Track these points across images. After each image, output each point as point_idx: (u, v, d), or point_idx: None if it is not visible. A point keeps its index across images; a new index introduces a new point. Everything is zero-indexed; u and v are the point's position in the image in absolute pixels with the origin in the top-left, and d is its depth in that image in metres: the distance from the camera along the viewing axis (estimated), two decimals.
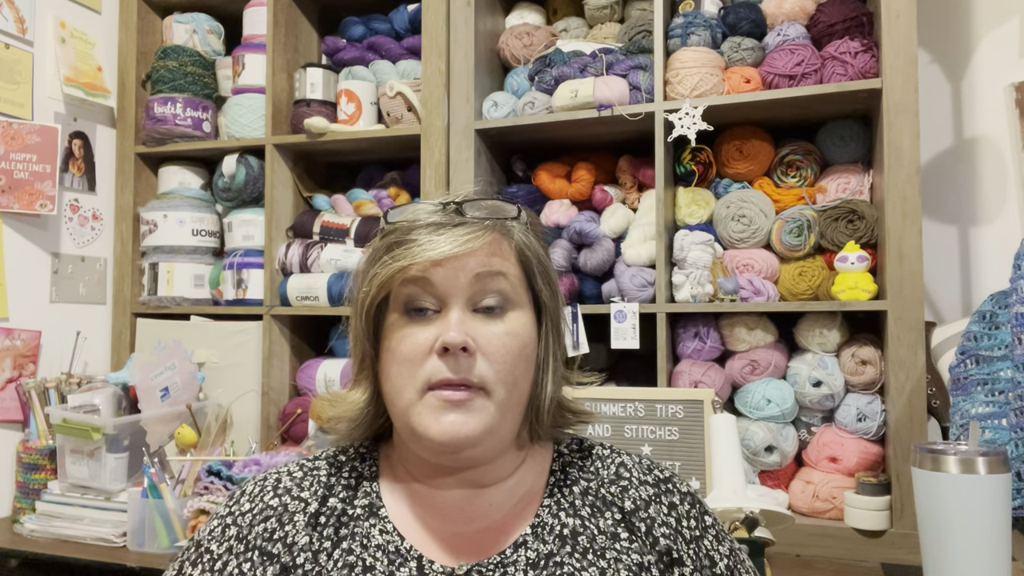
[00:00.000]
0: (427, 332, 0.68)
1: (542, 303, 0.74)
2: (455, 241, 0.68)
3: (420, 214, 0.72)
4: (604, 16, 1.84)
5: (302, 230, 1.95)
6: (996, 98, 1.75)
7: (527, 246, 0.73)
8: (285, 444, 1.85)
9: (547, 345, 0.74)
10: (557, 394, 0.75)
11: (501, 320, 0.70)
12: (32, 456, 1.69)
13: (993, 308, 1.28)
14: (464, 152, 1.76)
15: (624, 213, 1.72)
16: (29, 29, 1.86)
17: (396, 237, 0.70)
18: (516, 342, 0.69)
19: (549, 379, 0.73)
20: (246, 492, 0.75)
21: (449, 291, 0.68)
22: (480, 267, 0.69)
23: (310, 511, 0.72)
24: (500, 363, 0.68)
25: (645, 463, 0.77)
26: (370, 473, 0.77)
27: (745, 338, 1.60)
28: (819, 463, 1.55)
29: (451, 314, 0.68)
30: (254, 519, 0.72)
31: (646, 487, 0.74)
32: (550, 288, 0.74)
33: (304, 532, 0.70)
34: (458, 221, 0.70)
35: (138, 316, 2.03)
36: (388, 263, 0.69)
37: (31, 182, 1.81)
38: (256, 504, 0.73)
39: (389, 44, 1.94)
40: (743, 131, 1.68)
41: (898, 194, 1.45)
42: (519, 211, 0.74)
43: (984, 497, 1.02)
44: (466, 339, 0.66)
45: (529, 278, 0.73)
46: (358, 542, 0.70)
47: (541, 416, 0.73)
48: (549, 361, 0.74)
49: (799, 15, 1.66)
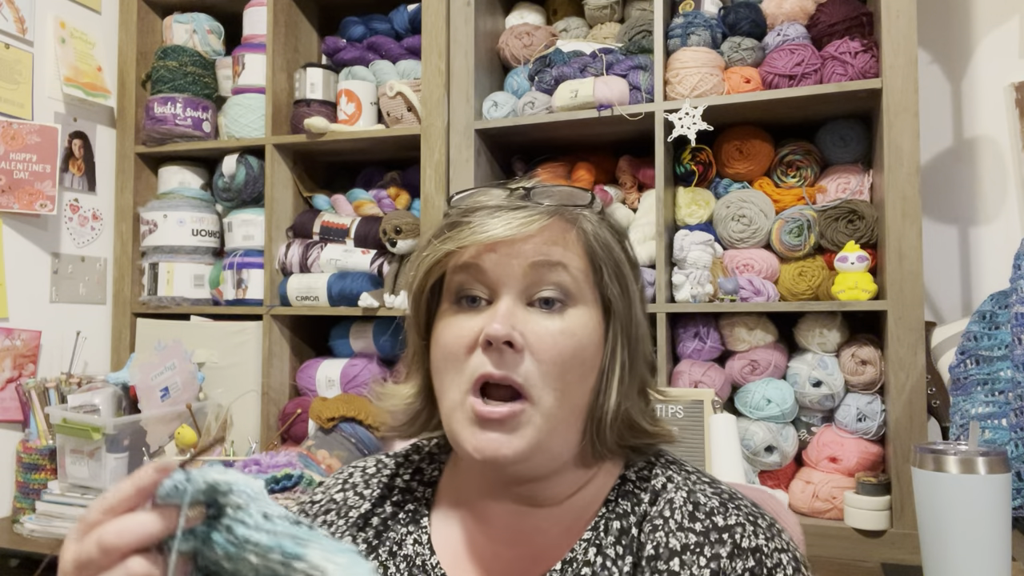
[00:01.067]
0: (474, 323, 0.62)
1: (610, 303, 0.65)
2: (508, 224, 0.61)
3: (483, 196, 0.66)
4: (604, 16, 1.84)
5: (302, 230, 1.95)
6: (996, 98, 1.75)
7: (597, 238, 0.65)
8: (285, 444, 1.85)
9: (614, 351, 0.65)
10: (626, 408, 0.65)
11: (559, 316, 0.62)
12: (32, 456, 1.69)
13: (993, 308, 1.29)
14: (464, 152, 1.76)
15: (624, 213, 1.72)
16: (29, 29, 1.86)
17: (451, 219, 0.64)
18: (571, 342, 0.62)
19: (614, 389, 0.64)
20: (324, 483, 0.76)
21: (501, 279, 0.62)
22: (537, 255, 0.62)
23: (362, 511, 0.70)
24: (549, 364, 0.61)
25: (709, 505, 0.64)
26: (431, 477, 0.73)
27: (745, 338, 1.60)
28: (819, 463, 1.55)
29: (500, 305, 0.61)
30: (318, 510, 0.72)
31: (686, 534, 0.62)
32: (621, 287, 0.65)
33: (349, 532, 0.69)
34: (518, 205, 0.63)
35: (138, 316, 2.03)
36: (436, 246, 0.64)
37: (31, 182, 1.81)
38: (324, 496, 0.73)
39: (389, 44, 1.94)
40: (743, 131, 1.68)
41: (898, 194, 1.45)
42: (592, 200, 0.66)
43: (984, 497, 1.02)
44: (511, 333, 0.60)
45: (596, 274, 0.65)
46: (387, 548, 0.68)
47: (603, 431, 0.64)
48: (616, 369, 0.64)
49: (799, 15, 1.66)
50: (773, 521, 0.64)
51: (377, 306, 1.77)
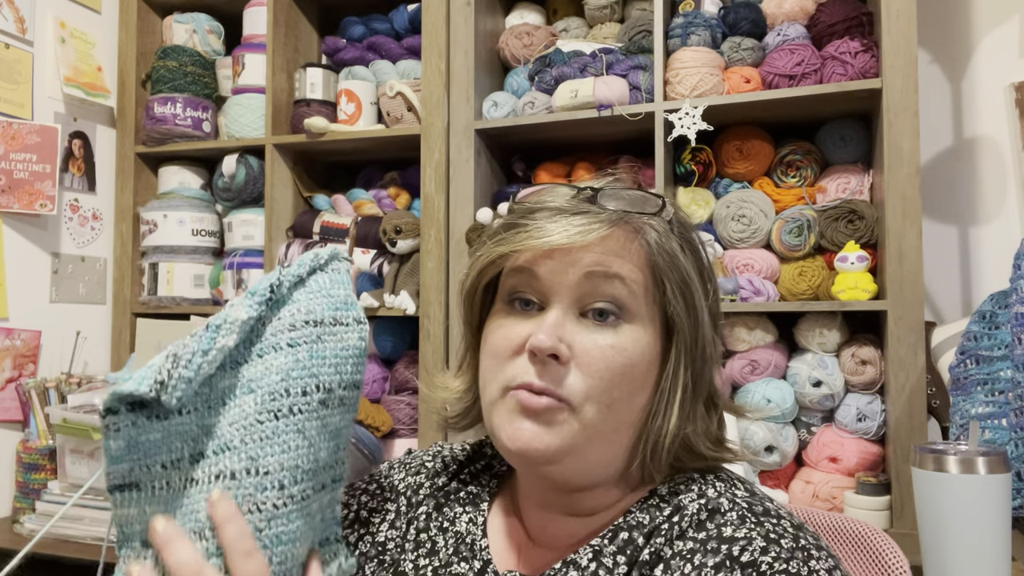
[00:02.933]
0: (522, 327, 0.60)
1: (673, 321, 0.61)
2: (567, 231, 0.58)
3: (548, 196, 0.63)
4: (604, 16, 1.84)
5: (302, 230, 1.95)
6: (996, 98, 1.75)
7: (663, 250, 0.61)
8: None
9: (676, 372, 0.61)
10: (685, 432, 0.61)
11: (611, 331, 0.59)
12: (32, 456, 1.69)
13: (993, 308, 1.28)
14: (464, 152, 1.76)
15: None
16: (29, 29, 1.86)
17: (512, 219, 0.62)
18: (621, 358, 0.59)
19: (675, 412, 0.60)
20: (421, 450, 0.80)
21: (554, 287, 0.60)
22: (593, 265, 0.59)
23: (438, 483, 0.73)
24: (596, 379, 0.58)
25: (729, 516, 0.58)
26: (499, 471, 0.74)
27: (745, 338, 1.60)
28: (819, 463, 1.55)
29: (550, 314, 0.59)
30: (409, 470, 0.76)
31: (684, 541, 0.57)
32: (687, 304, 0.61)
33: (423, 498, 0.72)
34: (581, 209, 0.60)
35: (138, 316, 2.03)
36: (491, 247, 0.62)
37: (31, 182, 1.81)
38: (416, 460, 0.77)
39: (389, 44, 1.94)
40: (743, 131, 1.68)
41: (898, 194, 1.45)
42: (662, 207, 0.62)
43: (984, 497, 1.02)
44: (557, 345, 0.58)
45: (658, 289, 0.61)
46: (439, 523, 0.69)
47: (658, 453, 0.61)
48: (677, 391, 0.61)
49: (799, 15, 1.66)
50: (808, 547, 0.55)
51: (377, 306, 1.77)
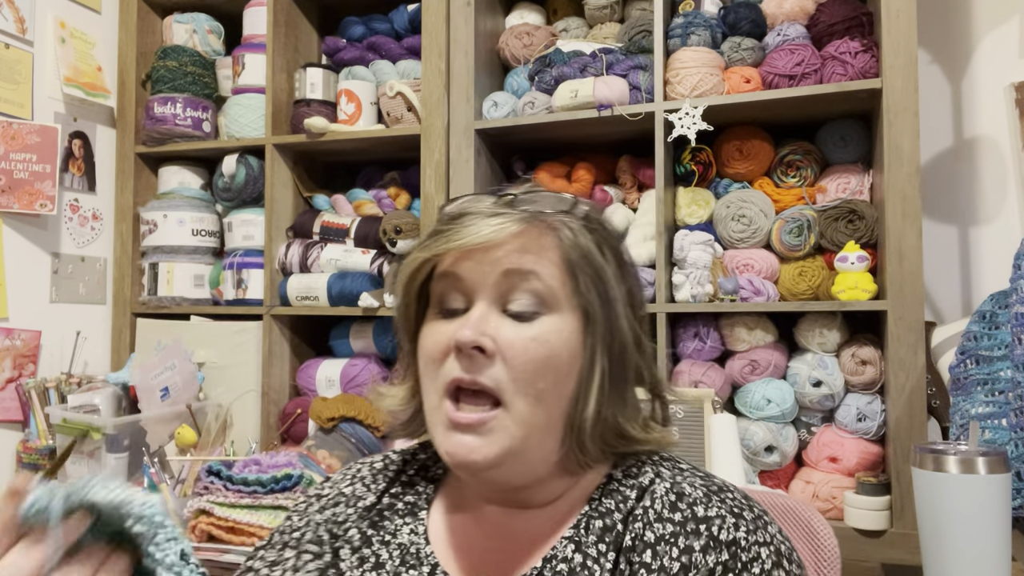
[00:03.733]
0: (449, 328, 0.63)
1: (587, 311, 0.65)
2: (480, 231, 0.62)
3: (468, 203, 0.66)
4: (604, 16, 1.84)
5: (302, 230, 1.95)
6: (996, 98, 1.75)
7: (576, 246, 0.65)
8: (285, 444, 1.85)
9: (592, 359, 0.64)
10: (608, 417, 0.65)
11: (532, 323, 0.63)
12: (32, 456, 1.69)
13: (993, 308, 1.28)
14: (464, 152, 1.76)
15: (624, 213, 1.72)
16: (29, 29, 1.86)
17: (436, 227, 0.66)
18: (544, 349, 0.62)
19: (593, 397, 0.63)
20: (331, 478, 0.77)
21: (476, 286, 0.63)
22: (510, 263, 0.63)
23: (368, 503, 0.72)
24: (520, 370, 0.61)
25: (694, 495, 0.64)
26: (434, 474, 0.75)
27: (745, 338, 1.60)
28: (819, 463, 1.55)
29: (472, 312, 0.63)
30: (326, 504, 0.74)
31: (663, 524, 0.62)
32: (600, 296, 0.65)
33: (354, 523, 0.71)
34: (496, 212, 0.64)
35: (138, 316, 2.03)
36: (415, 254, 0.66)
37: (31, 182, 1.81)
38: (333, 490, 0.75)
39: (389, 44, 1.94)
40: (743, 131, 1.68)
41: (898, 194, 1.45)
42: (573, 205, 0.66)
43: (984, 497, 1.02)
44: (480, 338, 0.61)
45: (574, 282, 0.65)
46: (381, 537, 0.69)
47: (583, 439, 0.64)
48: (595, 377, 0.64)
49: (799, 15, 1.66)
50: (761, 514, 0.63)
51: (377, 306, 1.77)
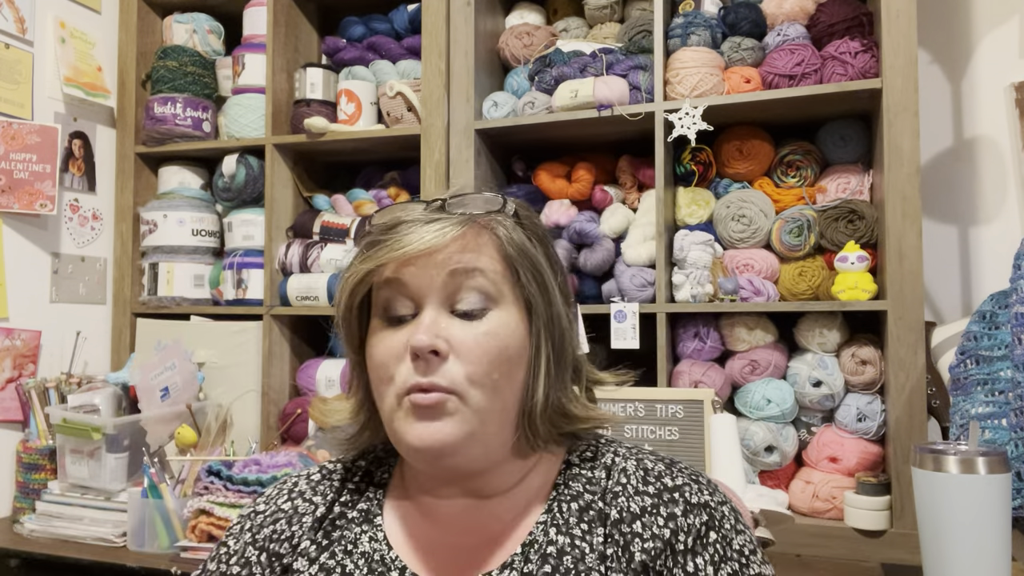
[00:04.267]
0: (400, 336, 0.65)
1: (530, 302, 0.68)
2: (423, 238, 0.64)
3: (399, 212, 0.68)
4: (604, 16, 1.84)
5: (302, 230, 1.95)
6: (996, 98, 1.75)
7: (512, 241, 0.68)
8: (285, 444, 1.85)
9: (538, 346, 0.68)
10: (554, 399, 0.69)
11: (481, 320, 0.65)
12: (32, 456, 1.69)
13: (993, 308, 1.28)
14: (464, 152, 1.76)
15: (624, 213, 1.72)
16: (29, 29, 1.86)
17: (373, 237, 0.67)
18: (495, 343, 0.65)
19: (541, 382, 0.68)
20: (265, 494, 0.77)
21: (422, 290, 0.65)
22: (454, 263, 0.65)
23: (317, 515, 0.72)
24: (475, 365, 0.64)
25: (657, 469, 0.70)
26: (380, 479, 0.75)
27: (745, 338, 1.60)
28: (819, 463, 1.55)
29: (424, 316, 0.65)
30: (264, 521, 0.73)
31: (642, 497, 0.67)
32: (540, 286, 0.69)
33: (308, 536, 0.71)
34: (433, 218, 0.66)
35: (138, 316, 2.03)
36: (356, 266, 0.67)
37: (31, 182, 1.81)
38: (270, 507, 0.75)
39: (389, 44, 1.94)
40: (743, 131, 1.68)
41: (898, 194, 1.45)
42: (503, 204, 0.69)
43: (984, 497, 1.02)
44: (434, 341, 0.63)
45: (514, 275, 0.68)
46: (343, 547, 0.70)
47: (534, 422, 0.68)
48: (541, 363, 0.68)
49: (799, 15, 1.66)
50: (709, 480, 0.71)
51: None
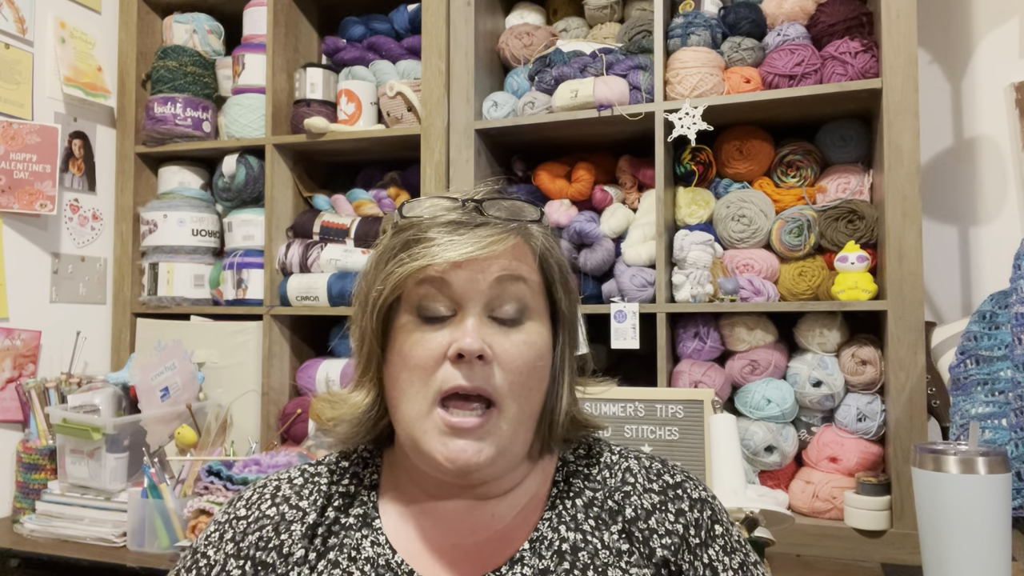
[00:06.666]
0: (441, 337, 0.64)
1: (560, 312, 0.70)
2: (478, 243, 0.64)
3: (438, 210, 0.67)
4: (604, 16, 1.84)
5: (302, 230, 1.95)
6: (996, 98, 1.75)
7: (549, 251, 0.69)
8: (285, 444, 1.85)
9: (563, 355, 0.70)
10: (571, 405, 0.71)
11: (519, 329, 0.66)
12: (32, 456, 1.69)
13: (993, 308, 1.28)
14: (464, 152, 1.76)
15: (624, 213, 1.72)
16: (29, 29, 1.86)
17: (413, 234, 0.66)
18: (532, 352, 0.66)
19: (564, 390, 0.70)
20: (243, 498, 0.73)
21: (468, 295, 0.65)
22: (502, 271, 0.65)
23: (308, 522, 0.69)
24: (515, 374, 0.65)
25: (655, 467, 0.73)
26: (370, 481, 0.74)
27: (745, 338, 1.60)
28: (819, 463, 1.55)
29: (467, 320, 0.64)
30: (248, 527, 0.70)
31: (651, 495, 0.70)
32: (569, 296, 0.70)
33: (300, 544, 0.68)
34: (479, 221, 0.66)
35: (138, 316, 2.03)
36: (406, 261, 0.65)
37: (31, 182, 1.81)
38: (252, 512, 0.71)
39: (389, 44, 1.94)
40: (743, 131, 1.68)
41: (898, 194, 1.45)
42: (541, 213, 0.70)
43: (984, 497, 1.02)
44: (483, 346, 0.63)
45: (548, 285, 0.69)
46: (346, 554, 0.68)
47: (555, 429, 0.69)
48: (564, 372, 0.70)
49: (799, 15, 1.66)
50: (695, 476, 0.75)
51: None
